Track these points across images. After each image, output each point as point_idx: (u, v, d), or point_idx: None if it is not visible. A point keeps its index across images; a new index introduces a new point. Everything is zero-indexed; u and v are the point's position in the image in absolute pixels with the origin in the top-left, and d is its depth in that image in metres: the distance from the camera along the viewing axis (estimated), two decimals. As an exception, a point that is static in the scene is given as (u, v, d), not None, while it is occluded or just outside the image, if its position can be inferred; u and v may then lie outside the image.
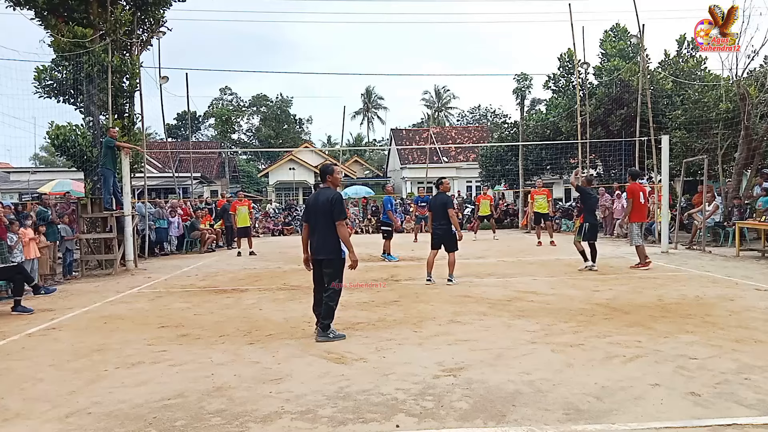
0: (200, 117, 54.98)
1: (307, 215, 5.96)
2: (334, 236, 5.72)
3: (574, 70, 22.35)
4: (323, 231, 5.75)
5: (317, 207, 5.80)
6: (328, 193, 5.83)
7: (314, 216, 5.83)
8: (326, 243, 5.73)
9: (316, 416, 3.70)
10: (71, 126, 12.57)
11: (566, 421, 3.53)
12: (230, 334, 6.03)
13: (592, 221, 10.44)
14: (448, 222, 8.83)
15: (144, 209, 15.19)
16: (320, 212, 5.75)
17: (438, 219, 8.97)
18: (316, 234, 5.82)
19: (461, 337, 5.62)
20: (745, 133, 14.32)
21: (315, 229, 5.83)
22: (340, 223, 5.72)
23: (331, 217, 5.69)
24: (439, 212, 8.93)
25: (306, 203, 6.29)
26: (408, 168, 38.43)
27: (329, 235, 5.72)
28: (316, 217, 5.80)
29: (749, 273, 9.44)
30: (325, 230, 5.73)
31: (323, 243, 5.74)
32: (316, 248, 5.81)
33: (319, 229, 5.79)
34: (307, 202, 6.09)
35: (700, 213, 13.90)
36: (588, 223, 10.36)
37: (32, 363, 5.18)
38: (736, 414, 3.56)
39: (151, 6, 14.41)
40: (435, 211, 9.05)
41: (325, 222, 5.73)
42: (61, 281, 10.96)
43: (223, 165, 37.12)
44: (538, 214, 16.34)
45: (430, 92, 63.12)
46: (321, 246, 5.76)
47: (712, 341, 5.23)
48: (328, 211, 5.69)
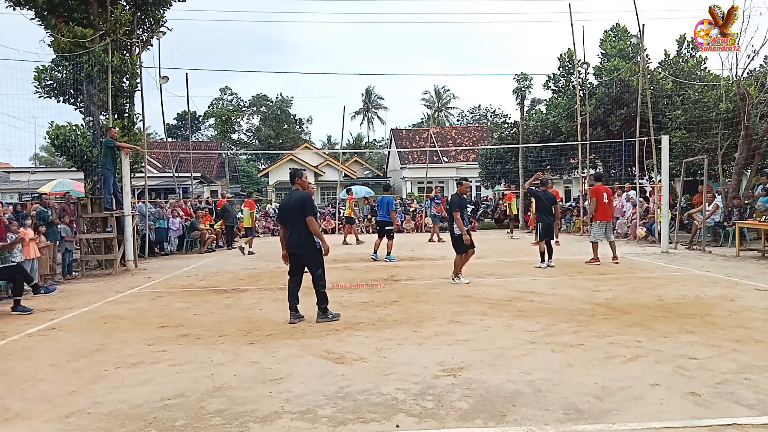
0: (200, 117, 55.02)
1: (282, 216, 6.59)
2: (307, 231, 6.33)
3: (574, 70, 22.34)
4: (297, 227, 6.35)
5: (289, 207, 6.44)
6: (298, 194, 6.44)
7: (289, 215, 6.44)
8: (300, 237, 6.36)
9: (316, 416, 3.70)
10: (71, 126, 12.57)
11: (566, 421, 3.53)
12: (230, 334, 6.03)
13: (545, 221, 10.77)
14: (453, 223, 8.97)
15: (144, 209, 15.20)
16: (293, 211, 6.37)
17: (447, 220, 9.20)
18: (291, 231, 6.38)
19: (461, 337, 5.62)
20: (745, 133, 14.32)
21: (289, 227, 6.43)
22: (310, 219, 6.31)
23: (303, 214, 6.27)
24: (449, 213, 9.15)
25: (279, 206, 6.85)
26: (408, 168, 38.45)
27: (302, 231, 6.33)
28: (292, 216, 6.40)
29: (749, 273, 9.44)
30: (299, 227, 6.34)
31: (297, 238, 6.37)
32: (293, 243, 6.41)
33: (293, 226, 6.38)
34: (281, 205, 6.71)
35: (700, 213, 13.90)
36: (541, 223, 10.81)
37: (32, 363, 5.18)
38: (736, 414, 3.56)
39: (151, 6, 14.41)
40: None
41: (298, 219, 6.32)
42: (61, 281, 10.96)
43: (223, 165, 37.13)
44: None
45: (430, 92, 63.20)
46: (296, 241, 6.36)
47: (712, 341, 5.23)
48: (300, 210, 6.30)
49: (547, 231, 10.78)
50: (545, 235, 10.77)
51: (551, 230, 10.99)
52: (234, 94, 58.28)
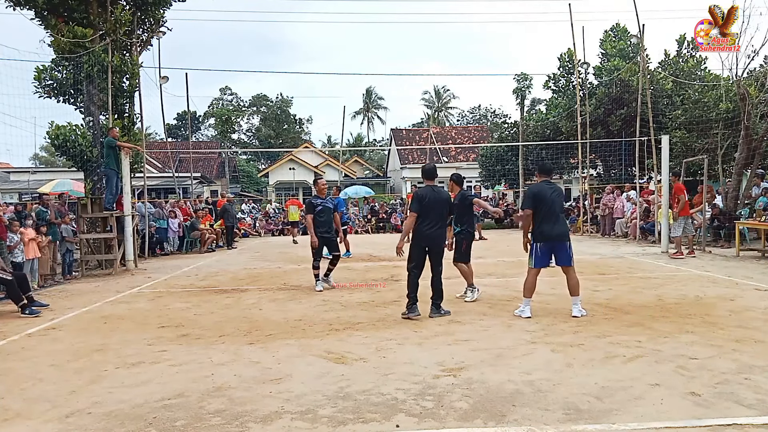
0: (200, 117, 55.03)
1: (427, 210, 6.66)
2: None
3: (574, 70, 22.34)
4: (441, 222, 6.72)
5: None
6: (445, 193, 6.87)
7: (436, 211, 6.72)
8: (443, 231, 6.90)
9: (316, 416, 3.70)
10: (71, 126, 12.57)
11: (566, 421, 3.53)
12: (230, 334, 6.03)
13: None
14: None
15: (144, 209, 15.20)
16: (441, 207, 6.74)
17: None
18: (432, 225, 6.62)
19: (461, 337, 5.62)
20: (745, 133, 14.31)
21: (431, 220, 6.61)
22: None
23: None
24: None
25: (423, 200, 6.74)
26: (408, 168, 38.45)
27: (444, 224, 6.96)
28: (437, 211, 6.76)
29: (749, 273, 9.44)
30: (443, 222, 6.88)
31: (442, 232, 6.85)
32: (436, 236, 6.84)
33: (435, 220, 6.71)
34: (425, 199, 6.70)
35: (700, 213, 13.90)
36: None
37: (32, 363, 5.18)
38: (736, 414, 3.55)
39: (151, 6, 14.40)
40: None
41: (444, 215, 6.84)
42: (61, 281, 10.96)
43: (223, 165, 37.12)
44: None
45: (430, 92, 63.15)
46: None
47: (712, 341, 5.23)
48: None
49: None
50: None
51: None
52: (234, 94, 58.33)
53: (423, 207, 6.53)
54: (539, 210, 6.41)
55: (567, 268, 6.48)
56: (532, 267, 6.53)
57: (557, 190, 6.60)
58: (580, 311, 6.39)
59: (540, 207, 6.40)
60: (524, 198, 6.91)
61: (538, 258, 6.45)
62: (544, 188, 6.51)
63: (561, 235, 6.45)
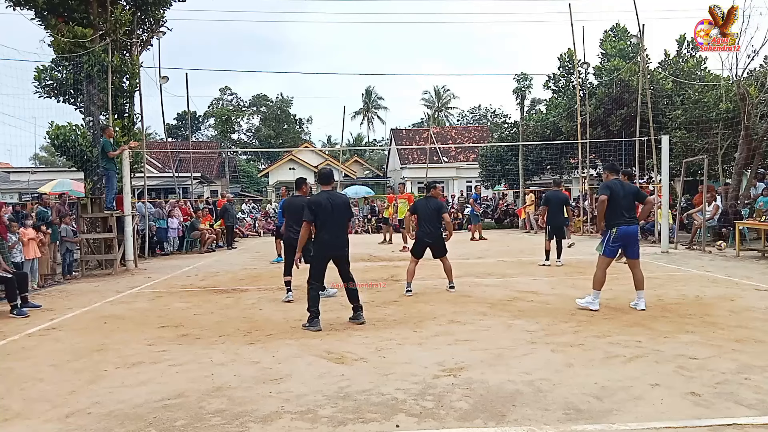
0: (200, 117, 54.99)
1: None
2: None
3: (574, 70, 22.34)
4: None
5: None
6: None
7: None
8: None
9: (316, 416, 3.70)
10: (71, 126, 12.55)
11: (566, 421, 3.53)
12: (230, 334, 6.03)
13: (555, 222, 11.01)
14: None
15: (144, 209, 15.20)
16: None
17: None
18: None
19: (461, 337, 5.62)
20: (745, 133, 14.30)
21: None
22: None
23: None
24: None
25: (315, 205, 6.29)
26: (408, 168, 38.45)
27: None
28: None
29: (749, 273, 9.44)
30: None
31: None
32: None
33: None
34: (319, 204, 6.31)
35: (700, 213, 13.90)
36: (551, 224, 11.07)
37: (32, 363, 5.18)
38: (736, 414, 3.56)
39: (151, 6, 14.39)
40: None
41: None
42: (61, 281, 10.96)
43: (223, 165, 37.11)
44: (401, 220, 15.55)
45: (430, 92, 63.08)
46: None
47: (712, 341, 5.23)
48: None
49: (556, 231, 11.00)
50: (554, 234, 10.98)
51: (561, 230, 11.22)
52: (234, 94, 58.26)
53: (319, 215, 6.07)
54: (613, 201, 6.72)
55: (635, 262, 6.83)
56: (601, 254, 6.87)
57: (628, 189, 6.95)
58: (645, 305, 6.68)
59: (614, 198, 6.73)
60: (601, 186, 7.21)
61: (609, 248, 6.83)
62: (617, 184, 6.88)
63: (635, 232, 6.91)
